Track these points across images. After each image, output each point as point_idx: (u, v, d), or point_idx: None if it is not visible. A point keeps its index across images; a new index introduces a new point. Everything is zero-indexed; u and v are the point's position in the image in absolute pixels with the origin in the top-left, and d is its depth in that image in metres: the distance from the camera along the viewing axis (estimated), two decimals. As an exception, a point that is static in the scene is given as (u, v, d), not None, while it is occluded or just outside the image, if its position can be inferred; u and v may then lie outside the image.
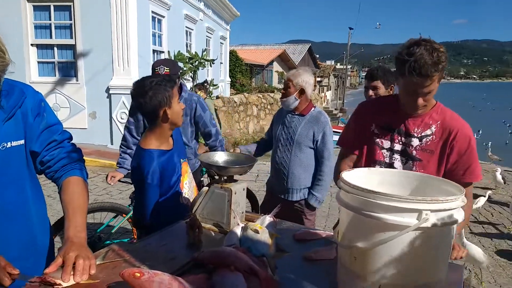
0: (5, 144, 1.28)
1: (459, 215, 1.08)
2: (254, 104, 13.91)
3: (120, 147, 3.07)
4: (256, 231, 1.43)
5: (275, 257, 1.35)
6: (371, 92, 2.74)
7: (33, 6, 8.26)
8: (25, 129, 1.35)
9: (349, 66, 41.57)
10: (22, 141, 1.34)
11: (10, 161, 1.30)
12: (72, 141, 1.53)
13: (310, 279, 1.29)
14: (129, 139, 3.00)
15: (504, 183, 7.07)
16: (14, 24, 7.88)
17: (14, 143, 1.31)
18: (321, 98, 26.29)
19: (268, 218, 1.56)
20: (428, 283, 1.09)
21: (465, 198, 1.10)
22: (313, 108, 2.80)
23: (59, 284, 1.12)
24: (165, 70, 2.67)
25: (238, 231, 1.51)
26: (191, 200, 2.02)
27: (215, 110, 6.38)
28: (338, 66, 51.24)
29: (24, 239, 1.36)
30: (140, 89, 1.78)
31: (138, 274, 1.07)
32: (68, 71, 8.61)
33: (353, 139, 1.87)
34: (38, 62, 8.58)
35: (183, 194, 1.98)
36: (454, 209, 1.05)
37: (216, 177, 1.70)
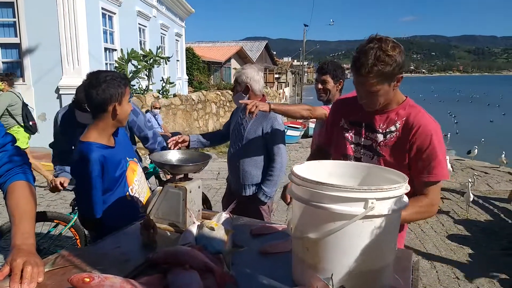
0: None
1: (404, 202, 1.13)
2: (213, 101, 13.82)
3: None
4: (212, 228, 1.42)
5: (231, 252, 1.36)
6: (320, 86, 2.82)
7: (-29, 2, 7.75)
8: None
9: (305, 63, 42.30)
10: None
11: None
12: (16, 144, 1.45)
13: (266, 272, 1.31)
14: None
15: (453, 170, 7.50)
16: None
17: None
18: (279, 94, 26.56)
19: (224, 215, 1.56)
20: (377, 268, 1.13)
21: (408, 186, 1.15)
22: None
23: None
24: None
25: (194, 229, 1.49)
26: (142, 200, 1.99)
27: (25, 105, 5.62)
28: (295, 62, 51.96)
29: None
30: (94, 81, 1.75)
31: (88, 279, 1.04)
32: (13, 71, 8.13)
33: (325, 133, 1.92)
34: (-21, 62, 8.06)
35: (133, 192, 1.95)
36: (398, 196, 1.10)
37: (164, 179, 1.67)
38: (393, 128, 1.67)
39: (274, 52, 44.23)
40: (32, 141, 6.10)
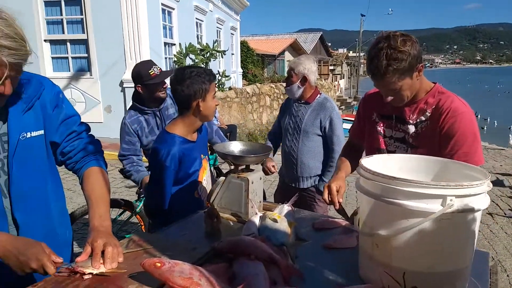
0: (25, 134, 1.30)
1: (485, 201, 1.05)
2: (267, 94, 13.85)
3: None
4: (275, 220, 1.42)
5: (295, 245, 1.34)
6: None
7: (44, 1, 8.33)
8: (44, 120, 1.37)
9: (362, 54, 40.99)
10: (41, 132, 1.36)
11: (30, 151, 1.32)
12: (90, 133, 1.54)
13: (330, 267, 1.28)
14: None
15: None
16: (26, 20, 7.87)
17: (34, 134, 1.33)
18: (334, 86, 26.01)
19: (286, 207, 1.55)
20: (453, 270, 1.07)
21: (490, 183, 1.07)
22: (318, 95, 2.80)
23: (89, 274, 1.14)
24: (159, 69, 2.65)
25: (257, 220, 1.50)
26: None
27: None
28: (351, 54, 50.57)
29: (45, 229, 1.38)
30: (179, 76, 1.78)
31: (159, 264, 1.08)
32: (82, 66, 8.68)
33: (358, 128, 1.90)
34: (52, 57, 8.67)
35: (200, 189, 1.99)
36: (479, 194, 1.02)
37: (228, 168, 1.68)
38: (423, 118, 1.61)
39: (329, 44, 43.33)
40: (96, 132, 6.50)
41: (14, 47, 1.11)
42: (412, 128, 1.64)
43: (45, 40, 8.47)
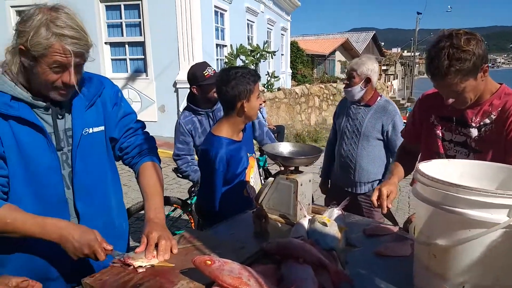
0: (87, 130, 1.39)
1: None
2: (316, 95, 13.70)
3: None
4: (324, 224, 1.39)
5: (345, 251, 1.31)
6: None
7: (105, 6, 8.80)
8: (104, 116, 1.46)
9: (417, 53, 39.30)
10: (102, 128, 1.45)
11: (92, 146, 1.41)
12: (145, 130, 1.62)
13: (381, 275, 1.24)
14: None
15: None
16: (89, 24, 8.37)
17: (96, 129, 1.42)
18: (387, 87, 25.18)
19: (336, 211, 1.52)
20: (519, 286, 0.99)
21: None
22: (379, 98, 2.68)
23: (139, 266, 1.19)
24: (213, 70, 2.69)
25: (305, 223, 1.48)
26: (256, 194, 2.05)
27: None
28: (405, 53, 48.64)
29: (104, 220, 1.45)
30: (224, 77, 1.80)
31: (209, 262, 1.09)
32: (138, 67, 9.09)
33: (413, 130, 1.81)
34: (112, 59, 9.16)
35: (248, 188, 2.00)
36: (552, 205, 0.94)
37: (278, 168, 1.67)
38: (487, 121, 1.50)
39: (382, 43, 42.02)
40: (151, 131, 6.77)
41: (76, 36, 1.21)
42: (474, 132, 1.54)
43: (105, 43, 8.95)
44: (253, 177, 2.06)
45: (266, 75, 11.77)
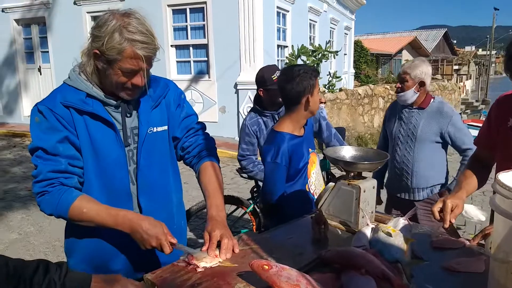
0: (152, 129, 1.46)
1: None
2: (380, 96, 13.18)
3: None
4: (389, 234, 1.31)
5: (411, 264, 1.23)
6: None
7: (172, 10, 9.18)
8: (168, 117, 1.53)
9: (493, 52, 36.35)
10: (165, 127, 1.51)
11: (156, 144, 1.48)
12: (206, 131, 1.66)
13: (452, 293, 1.14)
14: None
15: None
16: (157, 27, 8.80)
17: (160, 129, 1.49)
18: (459, 88, 23.57)
19: (402, 221, 1.43)
20: None
21: None
22: (432, 99, 2.57)
23: (203, 267, 1.21)
24: None
25: (368, 232, 1.41)
26: (317, 191, 2.02)
27: None
28: (480, 52, 45.28)
29: (164, 216, 1.50)
30: (289, 75, 1.87)
31: (267, 267, 1.08)
32: (201, 69, 9.37)
33: (489, 136, 1.66)
34: (177, 61, 9.53)
35: (310, 183, 2.01)
36: None
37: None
38: None
39: (454, 41, 39.45)
40: (211, 131, 6.95)
41: (146, 41, 1.28)
42: None
43: (171, 45, 9.34)
44: (315, 173, 2.07)
45: (327, 75, 11.55)
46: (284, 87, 1.86)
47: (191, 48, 9.33)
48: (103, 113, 1.36)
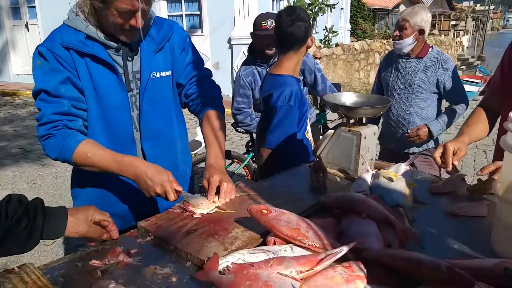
0: (155, 74, 1.39)
1: None
2: (376, 51, 12.93)
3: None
4: (390, 179, 1.27)
5: (413, 208, 1.19)
6: None
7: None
8: (172, 61, 1.45)
9: (492, 7, 35.48)
10: (169, 72, 1.44)
11: (159, 90, 1.42)
12: (212, 78, 1.58)
13: (453, 236, 1.11)
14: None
15: None
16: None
17: (163, 74, 1.42)
18: (456, 43, 23.19)
19: (403, 166, 1.39)
20: None
21: None
22: (430, 49, 2.49)
23: (200, 214, 1.18)
24: (273, 24, 2.54)
25: (368, 178, 1.37)
26: (311, 141, 1.98)
27: None
28: (478, 7, 44.21)
29: (169, 163, 1.46)
30: (293, 16, 1.78)
31: (265, 211, 1.04)
32: (194, 23, 9.05)
33: (501, 81, 1.59)
34: (168, 15, 9.17)
35: (308, 134, 1.97)
36: None
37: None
38: None
39: (453, -5, 38.36)
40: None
41: None
42: None
43: (162, -1, 8.97)
44: (308, 125, 2.02)
45: (324, 30, 11.24)
46: (289, 28, 1.76)
47: (183, 1, 8.96)
48: (103, 56, 1.30)
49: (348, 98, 1.60)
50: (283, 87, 1.77)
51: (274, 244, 1.00)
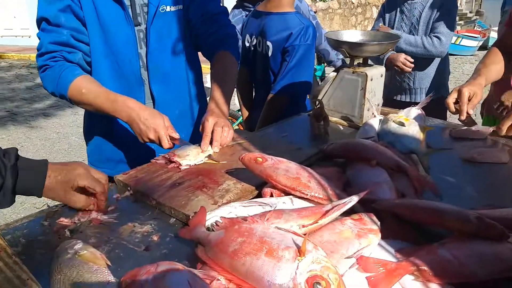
0: (165, 7, 1.27)
1: None
2: (374, 5, 12.44)
3: None
4: (401, 124, 1.13)
5: (428, 154, 1.05)
6: None
7: None
8: None
9: (494, -43, 34.11)
10: (180, 7, 1.31)
11: (168, 25, 1.29)
12: (228, 17, 1.42)
13: (473, 184, 0.99)
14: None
15: None
16: None
17: (173, 8, 1.29)
18: (454, -3, 22.44)
19: (414, 110, 1.23)
20: None
21: None
22: None
23: (187, 165, 1.05)
24: None
25: (375, 123, 1.23)
26: None
27: None
28: (479, -43, 42.56)
29: (180, 108, 1.37)
30: None
31: (260, 159, 0.89)
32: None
33: None
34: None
35: None
36: None
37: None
38: None
39: None
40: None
41: None
42: None
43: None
44: None
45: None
46: None
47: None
48: None
49: (352, 35, 1.42)
50: (302, 25, 1.63)
51: (271, 196, 0.87)
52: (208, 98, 1.30)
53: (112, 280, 0.63)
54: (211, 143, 1.12)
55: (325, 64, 3.38)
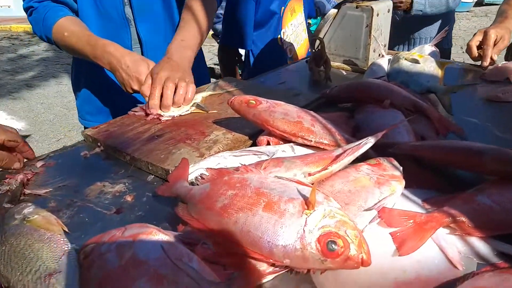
0: None
1: None
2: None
3: None
4: (415, 61, 0.97)
5: (449, 92, 0.91)
6: None
7: None
8: None
9: None
10: None
11: None
12: None
13: (498, 125, 0.85)
14: None
15: None
16: None
17: None
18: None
19: (427, 47, 1.08)
20: None
21: None
22: None
23: (169, 116, 0.89)
24: None
25: (384, 63, 1.07)
26: (291, 48, 1.66)
27: None
28: None
29: None
30: None
31: (254, 102, 0.74)
32: None
33: None
34: None
35: (284, 36, 1.64)
36: None
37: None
38: None
39: None
40: None
41: None
42: None
43: None
44: (293, 25, 1.65)
45: None
46: None
47: None
48: None
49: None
50: None
51: (268, 144, 0.72)
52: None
53: (68, 249, 0.49)
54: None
55: (322, 17, 3.17)
